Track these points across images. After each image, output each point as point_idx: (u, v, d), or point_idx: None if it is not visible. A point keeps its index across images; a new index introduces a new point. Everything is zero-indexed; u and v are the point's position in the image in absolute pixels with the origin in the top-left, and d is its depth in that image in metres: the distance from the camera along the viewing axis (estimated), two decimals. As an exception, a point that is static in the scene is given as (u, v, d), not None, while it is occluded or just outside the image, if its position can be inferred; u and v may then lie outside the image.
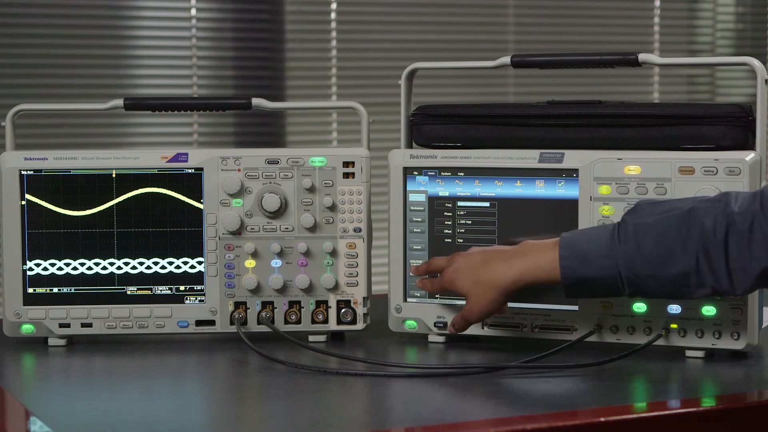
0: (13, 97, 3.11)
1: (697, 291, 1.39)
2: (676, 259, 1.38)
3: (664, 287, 1.40)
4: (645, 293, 1.43)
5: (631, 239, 1.40)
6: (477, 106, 1.67)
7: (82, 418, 1.31)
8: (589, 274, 1.42)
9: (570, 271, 1.43)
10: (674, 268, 1.38)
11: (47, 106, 2.05)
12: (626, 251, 1.40)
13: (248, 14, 3.40)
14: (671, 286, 1.40)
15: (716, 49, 4.01)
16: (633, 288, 1.42)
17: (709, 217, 1.37)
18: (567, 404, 1.35)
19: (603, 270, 1.42)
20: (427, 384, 1.43)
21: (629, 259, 1.40)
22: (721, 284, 1.37)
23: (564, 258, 1.44)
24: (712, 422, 1.30)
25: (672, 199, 1.47)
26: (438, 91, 3.56)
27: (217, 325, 1.67)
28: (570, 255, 1.43)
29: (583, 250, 1.43)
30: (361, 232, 1.67)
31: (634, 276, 1.40)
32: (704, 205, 1.39)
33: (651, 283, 1.40)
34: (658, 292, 1.42)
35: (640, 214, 1.42)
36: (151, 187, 1.66)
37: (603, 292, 1.45)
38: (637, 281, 1.41)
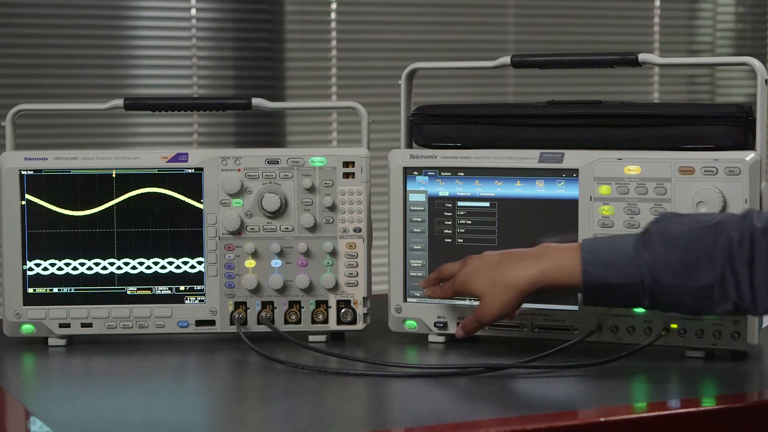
0: (13, 97, 3.11)
1: (718, 306, 1.36)
2: (702, 270, 1.36)
3: (686, 299, 1.37)
4: (664, 305, 1.40)
5: (657, 248, 1.38)
6: (477, 106, 1.67)
7: (82, 418, 1.31)
8: (611, 279, 1.39)
9: (593, 276, 1.41)
10: (699, 280, 1.36)
11: (47, 106, 2.06)
12: (651, 259, 1.38)
13: (248, 14, 3.40)
14: (693, 298, 1.37)
15: (716, 49, 4.01)
16: (653, 299, 1.39)
17: (735, 230, 1.35)
18: (567, 404, 1.35)
19: (626, 277, 1.39)
20: (427, 384, 1.43)
21: (654, 267, 1.37)
22: (744, 300, 1.34)
23: (586, 262, 1.41)
24: (712, 422, 1.30)
25: (697, 213, 1.47)
26: (438, 91, 3.56)
27: (217, 325, 1.67)
28: (593, 260, 1.41)
29: (607, 256, 1.40)
30: (361, 232, 1.67)
31: (657, 285, 1.38)
32: (731, 219, 1.36)
33: (673, 293, 1.37)
34: (678, 305, 1.39)
35: (665, 224, 1.40)
36: (151, 187, 1.66)
37: (622, 301, 1.42)
38: (658, 291, 1.38)
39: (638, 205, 1.55)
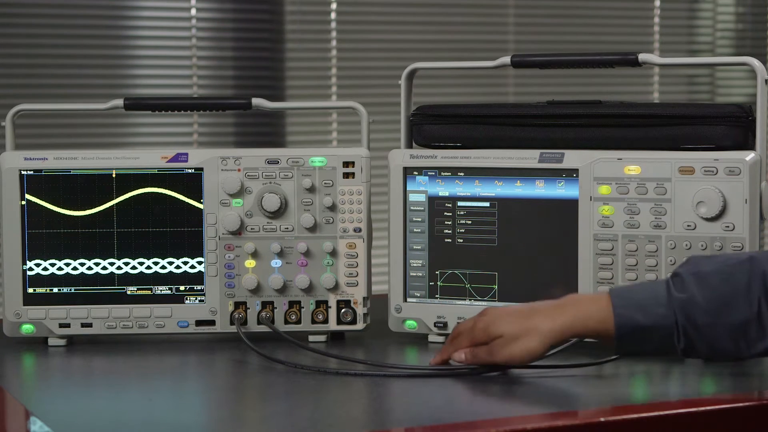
0: (13, 97, 3.11)
1: (756, 345, 1.33)
2: (737, 306, 1.32)
3: (722, 339, 1.33)
4: (700, 348, 1.35)
5: (690, 287, 1.34)
6: (477, 106, 1.67)
7: (82, 418, 1.31)
8: (644, 322, 1.35)
9: (625, 319, 1.35)
10: (735, 316, 1.32)
11: (47, 106, 2.06)
12: (684, 299, 1.34)
13: (248, 14, 3.40)
14: (729, 337, 1.33)
15: (716, 49, 4.01)
16: (688, 341, 1.34)
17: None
18: (567, 404, 1.35)
19: (659, 318, 1.34)
20: (427, 384, 1.43)
21: (687, 306, 1.34)
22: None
23: (618, 306, 1.36)
24: (712, 422, 1.29)
25: (726, 252, 1.45)
26: (438, 91, 3.55)
27: (217, 325, 1.67)
28: (624, 304, 1.36)
29: (638, 299, 1.36)
30: (361, 232, 1.67)
31: (692, 326, 1.34)
32: (764, 254, 1.34)
33: (708, 334, 1.33)
34: (714, 347, 1.34)
35: (695, 265, 1.36)
36: (151, 187, 1.66)
37: (656, 346, 1.36)
38: (693, 333, 1.34)
39: (638, 205, 1.55)
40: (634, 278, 1.56)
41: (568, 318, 1.38)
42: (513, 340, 1.40)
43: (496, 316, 1.43)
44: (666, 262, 1.54)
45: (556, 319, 1.39)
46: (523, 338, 1.39)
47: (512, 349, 1.40)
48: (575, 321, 1.38)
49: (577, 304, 1.39)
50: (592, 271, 1.58)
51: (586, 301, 1.39)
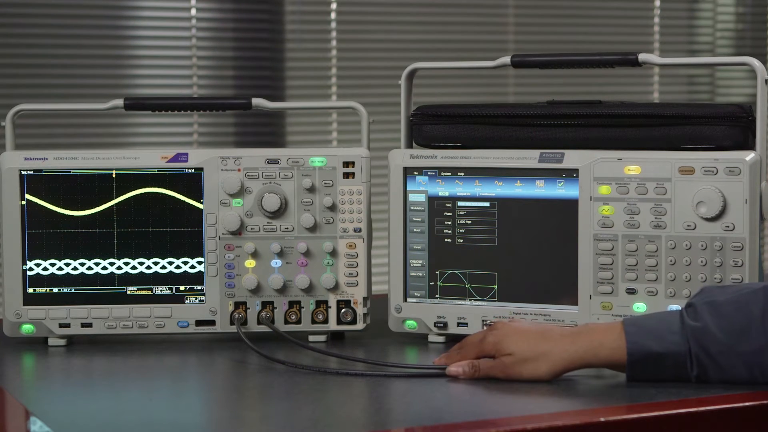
0: (13, 97, 3.11)
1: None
2: (751, 335, 1.32)
3: (736, 367, 1.34)
4: (714, 376, 1.35)
5: (703, 316, 1.34)
6: (477, 106, 1.67)
7: (82, 418, 1.31)
8: (657, 349, 1.35)
9: (637, 346, 1.35)
10: (749, 344, 1.33)
11: (47, 106, 2.06)
12: (698, 327, 1.34)
13: (248, 14, 3.40)
14: (744, 365, 1.34)
15: (716, 49, 4.01)
16: (701, 369, 1.35)
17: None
18: (567, 404, 1.35)
19: (672, 345, 1.35)
20: (427, 384, 1.43)
21: (701, 334, 1.34)
22: None
23: (630, 333, 1.36)
24: (712, 422, 1.29)
25: (741, 283, 1.45)
26: (438, 91, 3.55)
27: (217, 325, 1.67)
28: (637, 331, 1.36)
29: (651, 327, 1.36)
30: (361, 232, 1.67)
31: (705, 354, 1.34)
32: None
33: (722, 362, 1.34)
34: (728, 375, 1.34)
35: (709, 295, 1.37)
36: (151, 187, 1.66)
37: (669, 373, 1.37)
38: (706, 361, 1.34)
39: (638, 205, 1.55)
40: (634, 278, 1.56)
41: (581, 347, 1.38)
42: (523, 361, 1.40)
43: (508, 333, 1.42)
44: (666, 262, 1.54)
45: (569, 348, 1.38)
46: (533, 361, 1.39)
47: (521, 370, 1.40)
48: (588, 351, 1.38)
49: (591, 334, 1.39)
50: (592, 271, 1.58)
51: (599, 331, 1.39)
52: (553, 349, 1.39)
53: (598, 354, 1.37)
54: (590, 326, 1.41)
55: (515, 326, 1.43)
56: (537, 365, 1.39)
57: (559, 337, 1.39)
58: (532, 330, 1.41)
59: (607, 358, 1.37)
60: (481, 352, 1.43)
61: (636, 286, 1.56)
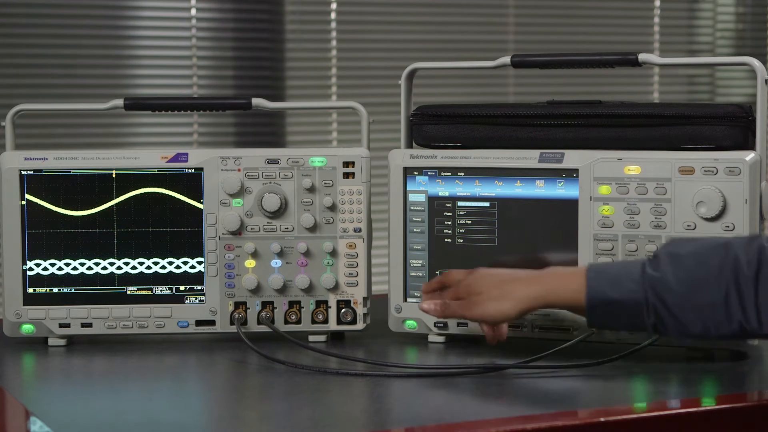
0: (13, 97, 3.11)
1: (722, 327, 1.34)
2: (706, 289, 1.34)
3: (689, 320, 1.35)
4: (668, 326, 1.37)
5: (664, 267, 1.36)
6: (477, 106, 1.67)
7: (82, 418, 1.31)
8: (615, 296, 1.38)
9: (596, 292, 1.39)
10: (703, 298, 1.34)
11: (47, 106, 2.06)
12: (657, 277, 1.36)
13: (248, 14, 3.40)
14: (697, 319, 1.35)
15: (716, 49, 4.01)
16: (656, 318, 1.37)
17: (743, 251, 1.33)
18: (567, 404, 1.35)
19: (630, 293, 1.37)
20: (427, 384, 1.43)
21: (658, 284, 1.36)
22: (749, 321, 1.32)
23: (591, 279, 1.40)
24: (712, 422, 1.30)
25: (706, 236, 1.45)
26: (438, 91, 3.56)
27: (217, 325, 1.67)
28: (598, 277, 1.40)
29: (612, 275, 1.39)
30: (361, 232, 1.67)
31: (661, 303, 1.36)
32: (740, 241, 1.35)
33: (677, 312, 1.35)
34: (682, 326, 1.36)
35: (674, 246, 1.39)
36: (151, 187, 1.66)
37: (626, 319, 1.39)
38: (662, 310, 1.36)
39: (638, 205, 1.55)
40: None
41: (543, 287, 1.44)
42: (489, 299, 1.47)
43: (480, 275, 1.50)
44: (666, 262, 1.54)
45: (532, 287, 1.45)
46: (498, 299, 1.46)
47: (486, 308, 1.47)
48: (549, 291, 1.43)
49: (555, 276, 1.45)
50: (592, 271, 1.57)
51: (563, 274, 1.44)
52: (517, 289, 1.45)
53: (559, 295, 1.43)
54: (557, 269, 1.47)
55: (488, 270, 1.51)
56: (501, 303, 1.46)
57: (526, 278, 1.46)
58: (502, 272, 1.50)
59: (567, 299, 1.42)
60: (456, 295, 1.51)
61: (636, 286, 1.55)
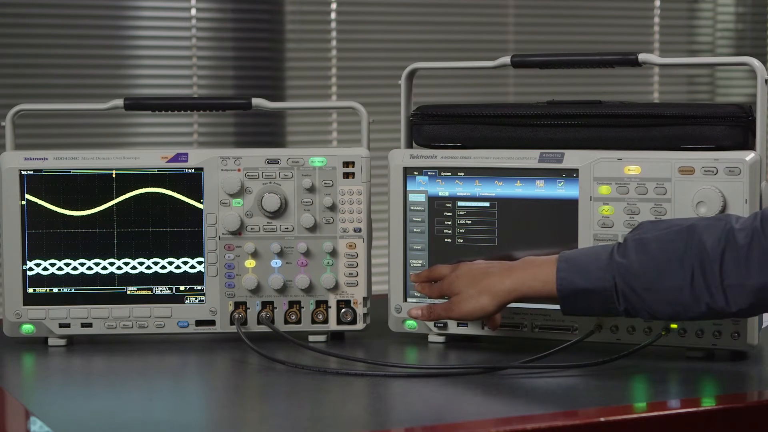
0: (13, 97, 3.11)
1: (691, 309, 1.37)
2: (671, 273, 1.37)
3: (659, 304, 1.38)
4: (639, 310, 1.40)
5: (630, 253, 1.39)
6: (477, 106, 1.67)
7: (82, 418, 1.31)
8: (584, 285, 1.41)
9: (566, 282, 1.42)
10: (669, 282, 1.37)
11: (47, 106, 2.06)
12: (623, 264, 1.39)
13: (248, 14, 3.41)
14: (665, 302, 1.38)
15: (716, 49, 4.01)
16: (627, 303, 1.40)
17: (708, 233, 1.36)
18: (567, 404, 1.35)
19: (599, 281, 1.40)
20: (427, 384, 1.43)
21: (626, 271, 1.39)
22: (716, 302, 1.35)
23: (561, 270, 1.43)
24: (712, 422, 1.30)
25: (674, 218, 1.46)
26: (438, 91, 3.56)
27: (217, 325, 1.67)
28: (567, 267, 1.43)
29: (582, 263, 1.42)
30: (361, 232, 1.67)
31: (630, 289, 1.39)
32: (705, 222, 1.38)
33: (646, 298, 1.38)
34: (652, 310, 1.39)
35: (640, 231, 1.41)
36: (151, 187, 1.66)
37: (598, 307, 1.42)
38: (632, 297, 1.39)
39: (638, 205, 1.55)
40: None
41: (516, 279, 1.47)
42: (468, 298, 1.50)
43: (459, 275, 1.53)
44: (666, 262, 1.54)
45: (505, 280, 1.48)
46: (477, 296, 1.50)
47: (466, 306, 1.50)
48: (523, 283, 1.46)
49: (527, 267, 1.47)
50: (592, 271, 1.57)
51: (535, 264, 1.47)
52: (491, 284, 1.49)
53: (532, 286, 1.46)
54: (529, 259, 1.49)
55: (467, 267, 1.54)
56: (479, 299, 1.49)
57: (499, 270, 1.50)
58: (478, 268, 1.52)
59: (540, 290, 1.45)
60: (441, 292, 1.56)
61: (636, 286, 1.55)
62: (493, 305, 1.49)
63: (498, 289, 1.48)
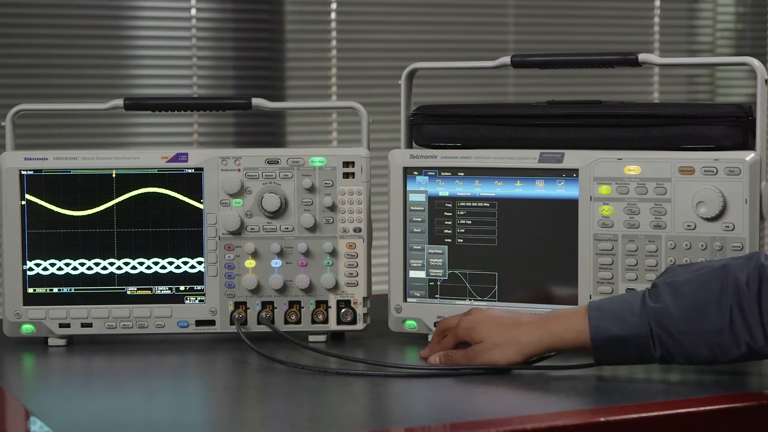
0: (13, 97, 3.11)
1: (731, 351, 1.34)
2: (710, 314, 1.33)
3: (697, 347, 1.35)
4: (677, 357, 1.37)
5: (664, 297, 1.36)
6: (477, 106, 1.67)
7: (82, 418, 1.31)
8: (619, 332, 1.37)
9: (599, 330, 1.38)
10: (708, 324, 1.33)
11: (47, 106, 2.06)
12: (658, 308, 1.36)
13: (248, 14, 3.40)
14: (704, 345, 1.34)
15: (716, 49, 4.01)
16: (663, 349, 1.36)
17: (742, 271, 1.33)
18: (567, 404, 1.35)
19: (633, 328, 1.36)
20: (427, 384, 1.43)
21: (661, 316, 1.35)
22: (756, 341, 1.32)
23: (593, 318, 1.39)
24: (712, 422, 1.30)
25: (703, 261, 1.44)
26: (438, 91, 3.56)
27: (217, 325, 1.67)
28: (600, 315, 1.39)
29: (614, 311, 1.38)
30: (361, 232, 1.67)
31: (666, 334, 1.35)
32: (737, 262, 1.35)
33: (683, 342, 1.35)
34: (691, 355, 1.36)
35: (671, 275, 1.38)
36: (151, 187, 1.66)
37: (633, 355, 1.38)
38: (668, 342, 1.35)
39: (638, 205, 1.55)
40: (634, 278, 1.56)
41: (546, 332, 1.43)
42: (493, 347, 1.45)
43: (480, 321, 1.48)
44: (666, 262, 1.54)
45: (536, 332, 1.43)
46: (502, 347, 1.44)
47: (491, 356, 1.45)
48: (554, 335, 1.42)
49: (556, 320, 1.43)
50: (592, 271, 1.58)
51: (565, 315, 1.43)
52: (520, 335, 1.44)
53: (563, 338, 1.41)
54: (558, 312, 1.45)
55: (487, 314, 1.49)
56: (505, 350, 1.44)
57: (528, 322, 1.45)
58: (502, 317, 1.48)
59: (572, 342, 1.41)
60: (456, 338, 1.50)
61: (636, 286, 1.55)
62: (520, 356, 1.44)
63: (527, 341, 1.43)
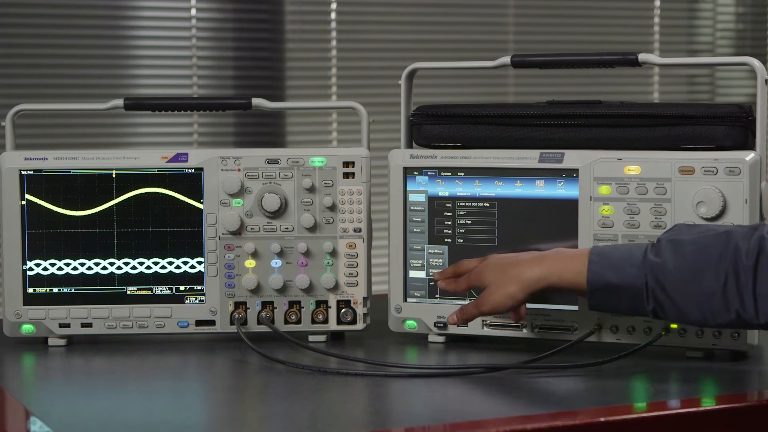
0: (13, 97, 3.11)
1: (720, 316, 1.35)
2: (705, 277, 1.35)
3: (689, 307, 1.36)
4: (667, 311, 1.39)
5: (664, 253, 1.38)
6: (477, 106, 1.67)
7: (82, 418, 1.31)
8: (615, 280, 1.40)
9: (597, 276, 1.41)
10: (702, 286, 1.35)
11: (47, 106, 2.06)
12: (657, 263, 1.38)
13: (248, 14, 3.40)
14: (695, 305, 1.36)
15: (716, 49, 4.01)
16: (656, 303, 1.38)
17: (744, 240, 1.34)
18: (567, 404, 1.35)
19: (630, 278, 1.39)
20: (427, 384, 1.43)
21: (659, 270, 1.37)
22: (746, 309, 1.33)
23: (593, 263, 1.42)
24: (712, 422, 1.30)
25: (710, 223, 1.46)
26: (438, 91, 3.55)
27: (217, 325, 1.67)
28: (600, 261, 1.42)
29: (614, 259, 1.41)
30: (361, 232, 1.67)
31: (660, 289, 1.37)
32: (741, 230, 1.36)
33: (676, 300, 1.37)
34: (681, 313, 1.38)
35: (676, 233, 1.40)
36: (151, 187, 1.66)
37: (626, 304, 1.41)
38: (661, 296, 1.38)
39: (638, 205, 1.55)
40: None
41: (546, 268, 1.46)
42: (497, 289, 1.49)
43: (488, 265, 1.52)
44: (666, 262, 1.54)
45: (535, 269, 1.47)
46: (505, 286, 1.49)
47: (495, 297, 1.49)
48: (552, 272, 1.45)
49: (558, 258, 1.46)
50: (592, 271, 1.57)
51: (567, 256, 1.46)
52: (521, 271, 1.48)
53: (562, 276, 1.45)
54: (561, 250, 1.49)
55: (496, 258, 1.53)
56: (507, 287, 1.48)
57: (529, 259, 1.49)
58: (507, 258, 1.52)
59: (569, 281, 1.44)
60: (468, 283, 1.55)
61: (636, 286, 1.55)
62: (522, 293, 1.47)
63: (527, 277, 1.47)
